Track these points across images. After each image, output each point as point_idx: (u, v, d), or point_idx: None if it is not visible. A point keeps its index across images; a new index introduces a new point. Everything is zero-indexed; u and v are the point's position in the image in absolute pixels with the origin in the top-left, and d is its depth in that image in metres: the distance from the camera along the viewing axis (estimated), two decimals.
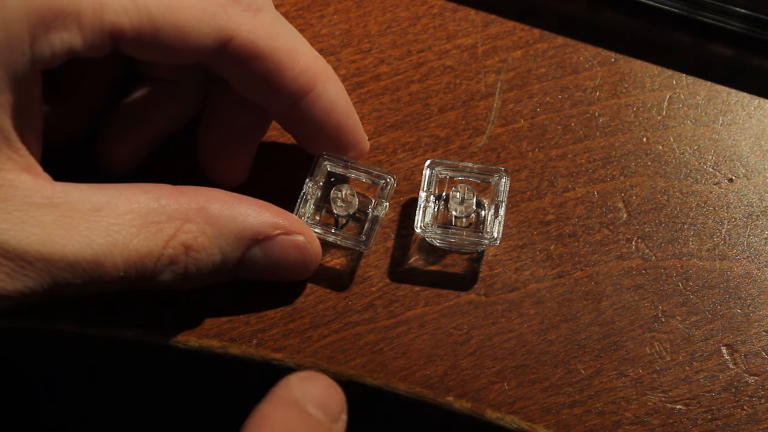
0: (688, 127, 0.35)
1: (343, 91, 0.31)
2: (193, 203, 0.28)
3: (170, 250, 0.28)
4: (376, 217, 0.32)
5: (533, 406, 0.31)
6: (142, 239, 0.27)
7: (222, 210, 0.29)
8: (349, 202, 0.32)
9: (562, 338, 0.31)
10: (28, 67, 0.26)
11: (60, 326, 0.31)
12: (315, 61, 0.30)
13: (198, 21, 0.27)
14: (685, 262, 0.33)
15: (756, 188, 0.34)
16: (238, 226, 0.29)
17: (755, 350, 0.31)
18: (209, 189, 0.29)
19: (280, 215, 0.30)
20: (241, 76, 0.29)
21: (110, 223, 0.27)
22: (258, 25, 0.29)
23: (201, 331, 0.31)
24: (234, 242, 0.29)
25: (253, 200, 0.30)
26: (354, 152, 0.32)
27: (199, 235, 0.28)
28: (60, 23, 0.25)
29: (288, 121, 0.31)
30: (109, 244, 0.27)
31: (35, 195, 0.26)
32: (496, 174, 0.32)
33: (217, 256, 0.29)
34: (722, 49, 0.36)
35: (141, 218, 0.27)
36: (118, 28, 0.26)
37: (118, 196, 0.27)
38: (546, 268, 0.33)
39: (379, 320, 0.32)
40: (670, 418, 0.30)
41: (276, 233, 0.29)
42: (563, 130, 0.35)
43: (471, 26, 0.37)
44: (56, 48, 0.26)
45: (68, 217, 0.26)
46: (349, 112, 0.31)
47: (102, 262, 0.26)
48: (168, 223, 0.28)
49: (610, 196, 0.34)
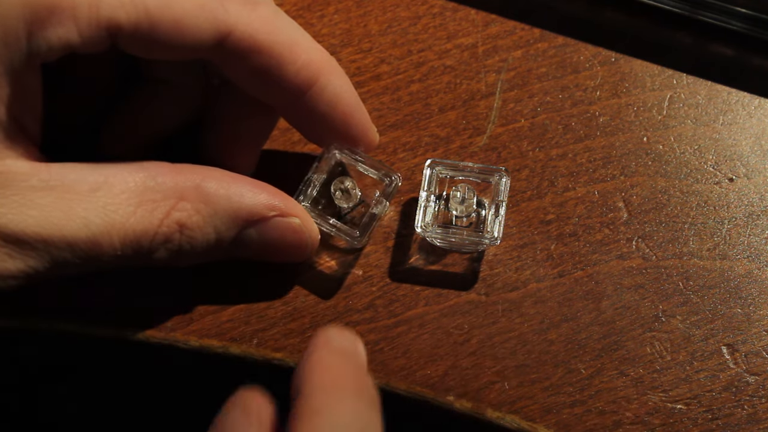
0: (688, 127, 0.35)
1: (348, 83, 0.31)
2: (189, 181, 0.28)
3: (165, 228, 0.28)
4: (374, 214, 0.32)
5: (534, 406, 0.31)
6: (138, 218, 0.27)
7: (218, 189, 0.29)
8: (349, 194, 0.32)
9: (563, 338, 0.31)
10: (25, 61, 0.26)
11: (60, 326, 0.31)
12: (318, 54, 0.30)
13: (195, 16, 0.27)
14: (686, 261, 0.33)
15: (756, 188, 0.34)
16: (233, 206, 0.29)
17: (756, 350, 0.31)
18: (207, 168, 0.29)
19: (276, 197, 0.30)
20: (243, 72, 0.29)
21: (107, 203, 0.27)
22: (256, 19, 0.28)
23: (201, 331, 0.31)
24: (229, 222, 0.29)
25: (251, 180, 0.30)
26: (363, 144, 0.32)
27: (193, 213, 0.28)
28: (56, 19, 0.26)
29: (294, 116, 0.31)
30: (106, 224, 0.27)
31: (32, 179, 0.26)
32: (496, 173, 0.32)
33: (212, 235, 0.29)
34: (723, 49, 0.36)
35: (137, 197, 0.28)
36: (115, 23, 0.26)
37: (115, 175, 0.28)
38: (546, 267, 0.33)
39: (380, 320, 0.32)
40: (671, 417, 0.30)
41: (272, 215, 0.29)
42: (564, 130, 0.35)
43: (471, 26, 0.37)
44: (53, 43, 0.26)
45: (65, 198, 0.27)
46: (356, 103, 0.31)
47: (99, 242, 0.27)
48: (163, 201, 0.28)
49: (610, 196, 0.34)
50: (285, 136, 0.35)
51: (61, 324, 0.31)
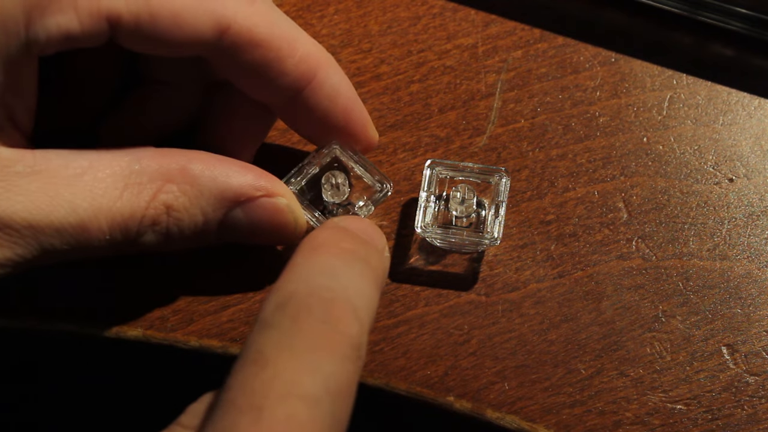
0: (688, 127, 0.35)
1: (345, 78, 0.31)
2: (174, 164, 0.28)
3: (152, 210, 0.28)
4: (357, 215, 0.31)
5: (533, 406, 0.31)
6: (124, 201, 0.27)
7: (203, 170, 0.29)
8: (338, 190, 0.31)
9: (563, 338, 0.31)
10: (23, 50, 0.26)
11: (60, 326, 0.31)
12: (315, 48, 0.30)
13: (195, 8, 0.27)
14: (686, 262, 0.33)
15: (756, 188, 0.34)
16: (219, 187, 0.29)
17: (755, 350, 0.31)
18: (192, 151, 0.29)
19: (263, 177, 0.29)
20: (241, 67, 0.29)
21: (93, 186, 0.27)
22: (255, 13, 0.28)
23: (201, 331, 0.31)
24: (215, 203, 0.29)
25: (237, 162, 0.29)
26: (363, 141, 0.32)
27: (179, 195, 0.28)
28: (56, 6, 0.25)
29: (292, 114, 0.31)
30: (93, 208, 0.27)
31: (17, 164, 0.26)
32: (496, 174, 0.32)
33: (199, 217, 0.29)
34: (723, 49, 0.36)
35: (123, 180, 0.27)
36: (115, 13, 0.26)
37: (99, 159, 0.27)
38: (546, 268, 0.33)
39: (380, 320, 0.32)
40: (671, 418, 0.30)
41: (258, 194, 0.29)
42: (564, 130, 0.35)
43: (471, 26, 0.37)
44: (52, 32, 0.26)
45: (52, 183, 0.26)
46: (355, 98, 0.31)
47: (87, 227, 0.27)
48: (149, 183, 0.28)
49: (610, 196, 0.34)
50: (285, 137, 0.35)
51: (61, 324, 0.31)
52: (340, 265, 0.24)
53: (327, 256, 0.24)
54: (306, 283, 0.23)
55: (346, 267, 0.24)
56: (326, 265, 0.23)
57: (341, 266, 0.24)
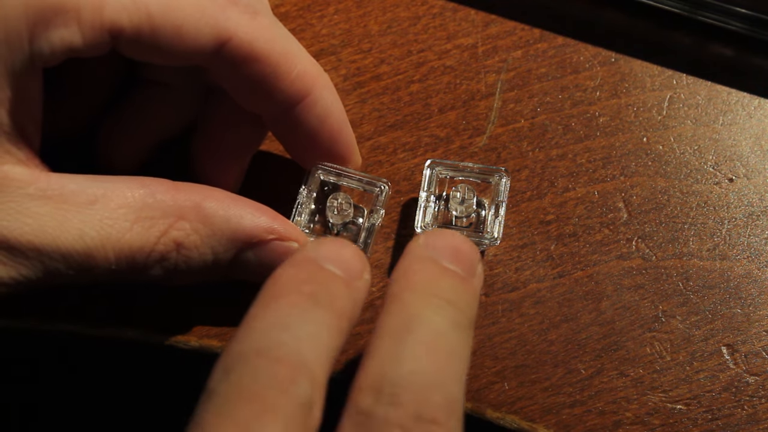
0: (688, 127, 0.35)
1: (338, 100, 0.31)
2: (188, 200, 0.28)
3: (161, 246, 0.28)
4: (372, 225, 0.31)
5: (533, 406, 0.31)
6: (134, 234, 0.27)
7: (217, 210, 0.29)
8: (345, 210, 0.32)
9: (563, 338, 0.31)
10: (27, 63, 0.26)
11: (60, 326, 0.31)
12: (312, 66, 0.30)
13: (196, 21, 0.27)
14: (686, 262, 0.33)
15: (756, 188, 0.34)
16: (231, 228, 0.29)
17: (755, 350, 0.31)
18: (207, 187, 0.29)
19: (276, 220, 0.29)
20: (238, 80, 0.29)
21: (104, 216, 0.27)
22: (256, 27, 0.28)
23: (201, 331, 0.31)
24: (226, 243, 0.29)
25: (251, 202, 0.30)
26: (346, 165, 0.32)
27: (191, 233, 0.28)
28: (60, 20, 0.25)
29: (282, 128, 0.31)
30: (101, 237, 0.27)
31: (30, 187, 0.26)
32: (496, 174, 0.32)
33: (209, 256, 0.29)
34: (723, 49, 0.36)
35: (135, 213, 0.27)
36: (118, 26, 0.26)
37: (113, 189, 0.27)
38: (546, 267, 0.33)
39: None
40: (671, 418, 0.30)
41: (270, 238, 0.29)
42: (563, 130, 0.35)
43: (471, 26, 0.37)
44: (55, 45, 0.26)
45: (62, 209, 0.26)
46: (344, 122, 0.31)
47: (94, 255, 0.27)
48: (162, 219, 0.28)
49: (610, 196, 0.34)
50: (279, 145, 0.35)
51: (61, 324, 0.31)
52: (296, 314, 0.23)
53: (284, 306, 0.23)
54: (257, 342, 0.22)
55: (303, 316, 0.23)
56: (280, 318, 0.23)
57: (297, 316, 0.23)
